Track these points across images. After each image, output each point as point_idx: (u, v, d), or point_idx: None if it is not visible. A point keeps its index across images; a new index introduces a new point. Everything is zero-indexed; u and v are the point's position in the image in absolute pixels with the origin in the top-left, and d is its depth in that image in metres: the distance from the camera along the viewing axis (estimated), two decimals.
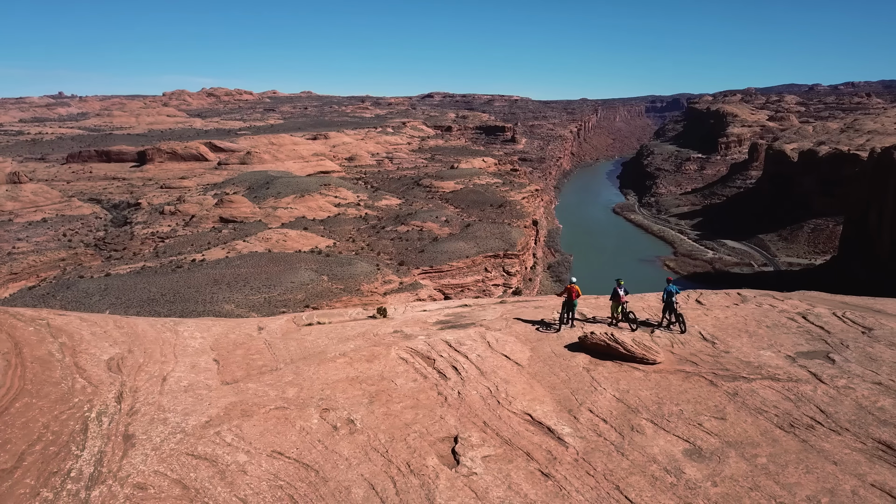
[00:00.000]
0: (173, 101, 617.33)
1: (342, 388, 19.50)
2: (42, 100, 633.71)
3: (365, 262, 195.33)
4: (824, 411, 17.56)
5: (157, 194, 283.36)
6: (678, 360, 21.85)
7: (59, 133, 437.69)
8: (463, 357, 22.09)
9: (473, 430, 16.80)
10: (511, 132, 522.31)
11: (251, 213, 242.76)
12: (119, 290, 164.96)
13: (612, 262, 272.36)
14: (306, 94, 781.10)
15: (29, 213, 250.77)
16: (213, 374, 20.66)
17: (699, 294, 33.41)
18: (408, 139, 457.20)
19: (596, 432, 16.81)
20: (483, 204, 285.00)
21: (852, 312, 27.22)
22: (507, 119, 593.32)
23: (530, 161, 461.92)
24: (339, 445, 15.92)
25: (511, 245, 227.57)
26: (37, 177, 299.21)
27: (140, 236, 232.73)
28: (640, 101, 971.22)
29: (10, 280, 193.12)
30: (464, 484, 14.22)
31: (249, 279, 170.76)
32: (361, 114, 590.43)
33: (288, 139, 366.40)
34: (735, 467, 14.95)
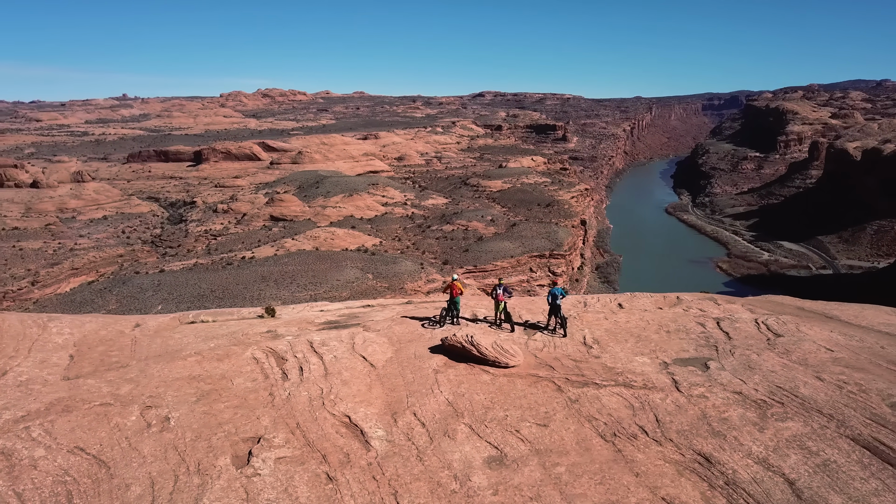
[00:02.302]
0: (230, 102, 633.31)
1: (177, 387, 19.48)
2: (107, 101, 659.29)
3: (409, 261, 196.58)
4: (659, 420, 17.01)
5: (212, 193, 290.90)
6: (537, 364, 21.39)
7: (121, 134, 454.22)
8: (317, 358, 21.80)
9: (282, 432, 16.64)
10: (562, 131, 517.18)
11: (301, 212, 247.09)
12: (171, 286, 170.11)
13: (662, 264, 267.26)
14: (359, 95, 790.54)
15: (91, 211, 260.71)
16: (60, 370, 20.88)
17: (630, 296, 32.54)
18: (457, 138, 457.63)
19: (407, 436, 16.54)
20: (530, 203, 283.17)
21: (777, 319, 26.05)
22: (558, 118, 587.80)
23: (581, 160, 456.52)
24: (144, 443, 15.92)
25: (558, 245, 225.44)
26: (99, 176, 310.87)
27: (194, 234, 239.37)
28: (697, 99, 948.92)
29: (71, 275, 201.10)
30: (240, 485, 14.06)
31: (297, 276, 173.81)
32: (412, 114, 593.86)
33: (339, 139, 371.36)
34: (528, 476, 14.59)
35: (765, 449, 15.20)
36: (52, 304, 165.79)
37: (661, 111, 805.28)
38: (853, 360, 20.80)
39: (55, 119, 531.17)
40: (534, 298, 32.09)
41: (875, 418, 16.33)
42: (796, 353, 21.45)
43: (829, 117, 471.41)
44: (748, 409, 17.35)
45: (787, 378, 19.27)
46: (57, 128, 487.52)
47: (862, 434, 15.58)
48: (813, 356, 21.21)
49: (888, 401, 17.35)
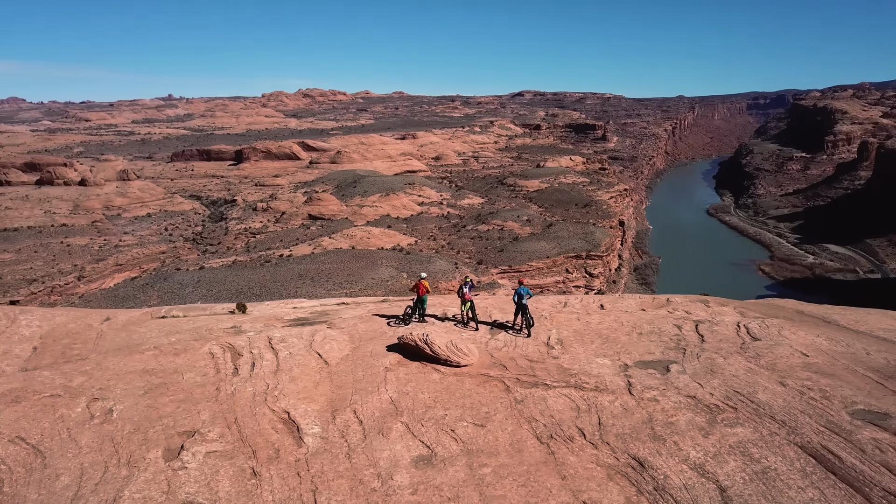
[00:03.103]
0: (271, 102, 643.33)
1: (128, 380, 19.62)
2: (153, 102, 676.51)
3: (444, 261, 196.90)
4: (602, 423, 16.74)
5: (252, 192, 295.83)
6: (491, 363, 21.17)
7: (166, 133, 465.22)
8: (272, 354, 21.86)
9: (219, 426, 16.64)
10: (602, 130, 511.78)
11: (338, 211, 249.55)
12: (210, 282, 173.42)
13: (702, 266, 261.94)
14: (398, 95, 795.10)
15: (135, 209, 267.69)
16: (21, 362, 21.34)
17: (616, 297, 31.90)
18: (495, 138, 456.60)
19: (342, 433, 16.50)
20: (568, 203, 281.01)
21: (763, 323, 25.18)
22: (598, 117, 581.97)
23: (621, 160, 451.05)
24: (84, 434, 16.06)
25: (595, 246, 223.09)
26: (144, 174, 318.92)
27: (234, 232, 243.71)
28: (742, 98, 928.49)
29: (115, 271, 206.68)
30: (165, 478, 14.12)
31: (332, 275, 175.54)
32: (450, 113, 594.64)
33: (377, 139, 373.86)
34: (451, 476, 14.43)
35: (704, 455, 14.92)
36: (97, 298, 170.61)
37: (704, 110, 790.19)
38: (826, 366, 20.23)
39: (103, 119, 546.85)
40: (509, 297, 31.32)
41: (830, 426, 15.91)
42: (767, 358, 20.92)
43: (879, 117, 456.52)
44: (698, 413, 17.01)
45: (747, 383, 18.85)
46: (105, 127, 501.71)
47: (812, 442, 15.21)
48: (783, 361, 20.66)
49: (850, 408, 16.87)
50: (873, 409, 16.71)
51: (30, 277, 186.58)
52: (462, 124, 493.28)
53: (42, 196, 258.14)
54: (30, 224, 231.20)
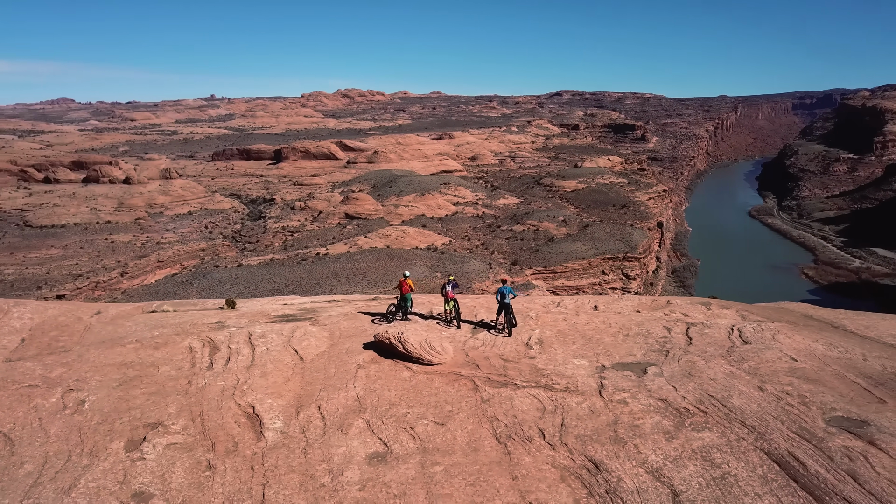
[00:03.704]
0: (310, 102, 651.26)
1: (105, 372, 19.90)
2: (196, 102, 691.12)
3: (478, 261, 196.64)
4: (564, 424, 16.55)
5: (290, 191, 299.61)
6: (464, 362, 21.11)
7: (207, 133, 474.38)
8: (249, 349, 22.04)
9: (184, 419, 16.86)
10: (641, 130, 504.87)
11: (374, 211, 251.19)
12: (248, 279, 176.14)
13: (743, 269, 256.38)
14: (435, 95, 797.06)
15: (177, 207, 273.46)
16: (6, 353, 21.86)
17: (612, 298, 31.31)
18: (532, 138, 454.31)
19: (302, 429, 16.59)
20: (605, 204, 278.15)
21: (759, 327, 24.41)
22: (637, 117, 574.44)
23: (660, 160, 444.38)
24: (54, 424, 16.42)
25: (632, 247, 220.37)
26: (186, 173, 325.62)
27: (272, 230, 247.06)
28: (787, 98, 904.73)
29: (157, 267, 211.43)
30: (122, 468, 14.39)
31: (367, 273, 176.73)
32: (488, 113, 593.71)
33: (414, 139, 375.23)
34: (402, 474, 14.45)
35: (663, 458, 14.70)
36: (139, 294, 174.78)
37: (747, 110, 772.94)
38: (813, 372, 19.71)
39: (148, 119, 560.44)
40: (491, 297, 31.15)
41: (801, 432, 15.57)
42: (751, 362, 20.46)
43: None
44: (666, 417, 16.74)
45: (723, 387, 18.51)
46: (149, 127, 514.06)
47: (779, 448, 14.89)
48: (768, 365, 20.18)
49: (828, 415, 16.46)
50: (852, 417, 16.32)
51: (75, 273, 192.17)
52: (499, 124, 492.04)
53: (88, 194, 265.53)
54: (76, 221, 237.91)
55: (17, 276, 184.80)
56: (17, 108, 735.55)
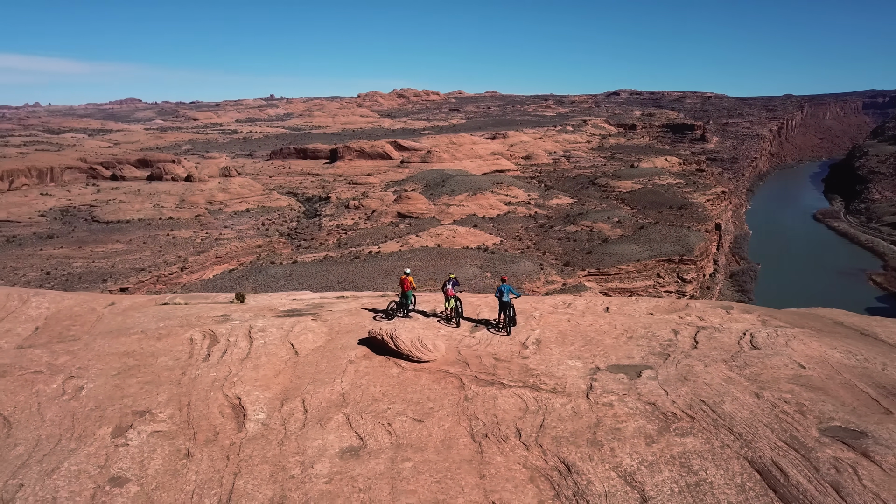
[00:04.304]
0: (366, 102, 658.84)
1: (107, 361, 20.43)
2: (255, 102, 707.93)
3: (529, 261, 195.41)
4: (544, 425, 16.40)
5: (345, 189, 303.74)
6: (455, 360, 21.06)
7: (266, 132, 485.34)
8: (247, 342, 22.36)
9: (172, 408, 17.23)
10: (701, 130, 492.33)
11: (426, 210, 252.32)
12: (302, 276, 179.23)
13: (806, 274, 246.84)
14: (490, 94, 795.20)
15: (235, 204, 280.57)
16: (19, 340, 22.63)
17: (627, 300, 30.40)
18: (587, 137, 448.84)
19: (283, 421, 16.83)
20: (661, 205, 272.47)
21: (774, 332, 23.32)
22: (697, 117, 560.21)
23: (720, 161, 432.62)
24: (51, 409, 16.96)
25: (688, 250, 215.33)
26: (245, 171, 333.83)
27: (326, 228, 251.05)
28: (857, 97, 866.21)
29: (215, 263, 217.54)
30: (105, 453, 14.82)
31: (417, 272, 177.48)
32: (543, 112, 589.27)
33: (467, 138, 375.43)
34: (370, 468, 14.55)
35: (639, 463, 14.44)
36: (197, 288, 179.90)
37: (813, 110, 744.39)
38: (820, 380, 18.91)
39: (210, 118, 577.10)
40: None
41: (790, 441, 15.02)
42: (754, 368, 19.76)
43: None
44: (651, 421, 16.39)
45: (717, 392, 17.97)
46: (211, 126, 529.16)
47: (763, 456, 14.44)
48: (771, 372, 19.45)
49: (824, 424, 15.84)
50: (850, 427, 15.68)
51: (138, 267, 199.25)
52: (554, 123, 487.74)
53: (152, 191, 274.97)
54: (140, 217, 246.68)
55: (85, 269, 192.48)
56: (89, 107, 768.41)
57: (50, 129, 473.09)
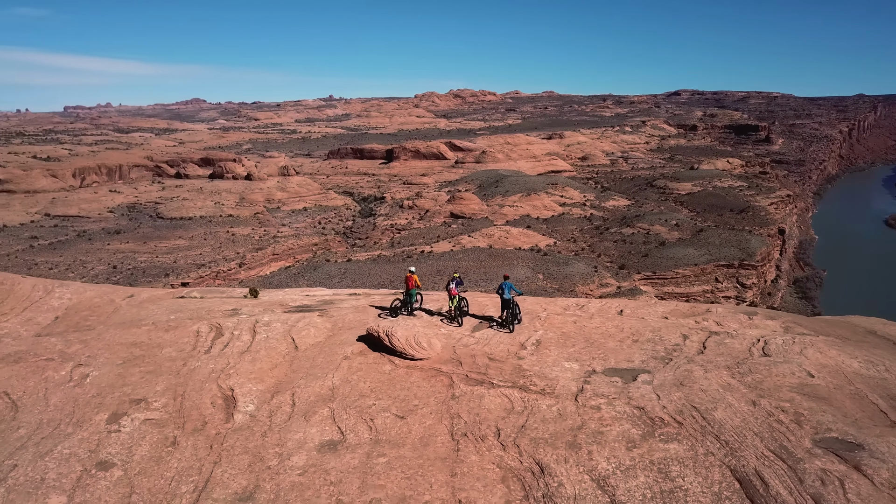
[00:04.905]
0: (423, 103, 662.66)
1: (115, 350, 20.92)
2: (315, 102, 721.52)
3: (583, 263, 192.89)
4: (525, 426, 16.27)
5: (400, 189, 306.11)
6: (449, 359, 21.03)
7: (324, 132, 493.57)
8: (250, 336, 22.73)
9: (167, 397, 17.67)
10: (765, 131, 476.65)
11: (479, 210, 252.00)
12: (355, 274, 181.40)
13: (876, 281, 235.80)
14: (547, 94, 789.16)
15: (293, 203, 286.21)
16: (38, 328, 23.42)
17: (642, 303, 29.66)
18: (646, 138, 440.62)
19: (270, 413, 17.09)
20: (722, 208, 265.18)
21: (789, 339, 22.47)
22: (762, 117, 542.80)
23: (786, 164, 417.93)
24: (56, 394, 17.63)
25: (749, 255, 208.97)
26: (303, 171, 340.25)
27: (381, 227, 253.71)
28: None
29: (272, 260, 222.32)
30: (97, 439, 15.30)
31: (468, 272, 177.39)
32: (601, 113, 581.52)
33: (523, 139, 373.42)
34: (345, 462, 14.72)
35: (615, 467, 14.28)
36: (254, 284, 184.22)
37: (888, 110, 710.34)
38: (826, 389, 18.20)
39: (270, 118, 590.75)
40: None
41: (779, 451, 14.59)
42: (757, 375, 19.09)
43: None
44: (637, 425, 16.12)
45: (711, 399, 17.50)
46: (271, 126, 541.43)
47: (747, 465, 14.09)
48: (774, 380, 18.76)
49: (819, 435, 15.30)
50: (847, 439, 15.10)
51: (199, 262, 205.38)
52: (612, 124, 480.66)
53: (213, 189, 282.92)
54: (202, 214, 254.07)
55: (149, 264, 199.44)
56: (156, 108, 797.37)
57: (120, 129, 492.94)
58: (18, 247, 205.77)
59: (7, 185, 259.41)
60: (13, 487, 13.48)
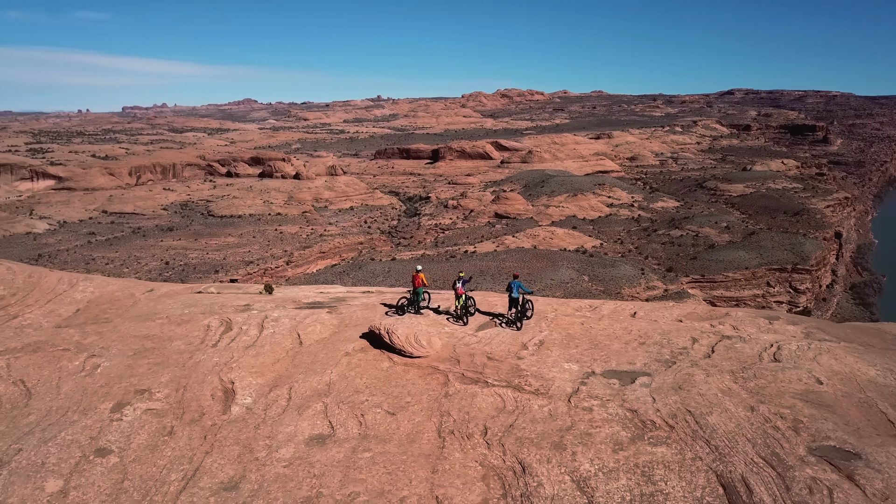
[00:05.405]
0: (470, 103, 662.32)
1: (127, 342, 21.55)
2: (363, 102, 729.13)
3: (629, 265, 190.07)
4: (513, 425, 16.25)
5: (445, 189, 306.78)
6: (448, 357, 21.05)
7: (371, 132, 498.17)
8: (257, 331, 23.08)
9: (170, 388, 18.11)
10: (823, 132, 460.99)
11: (524, 210, 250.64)
12: (399, 273, 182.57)
13: None
14: (596, 94, 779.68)
15: (340, 202, 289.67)
16: (59, 320, 24.21)
17: (658, 306, 28.81)
18: (697, 138, 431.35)
19: (266, 407, 17.33)
20: (775, 210, 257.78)
21: (805, 345, 21.69)
22: (819, 117, 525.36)
23: (845, 165, 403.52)
24: (68, 383, 18.34)
25: (803, 259, 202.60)
26: (350, 170, 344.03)
27: (425, 227, 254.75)
28: None
29: (319, 258, 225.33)
30: (99, 426, 15.86)
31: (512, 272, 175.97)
32: (651, 113, 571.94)
33: (570, 138, 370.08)
34: (330, 456, 14.94)
35: (597, 469, 14.20)
36: (300, 282, 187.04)
37: None
38: (833, 397, 17.61)
39: (319, 118, 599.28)
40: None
41: (770, 458, 14.27)
42: (761, 381, 18.58)
43: None
44: (627, 428, 15.95)
45: (707, 403, 17.13)
46: (320, 126, 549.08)
47: (734, 471, 13.84)
48: (779, 386, 18.22)
49: (816, 443, 14.89)
50: (845, 448, 14.66)
51: (247, 260, 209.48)
52: (662, 124, 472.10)
53: (263, 187, 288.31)
54: (251, 212, 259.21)
55: (199, 261, 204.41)
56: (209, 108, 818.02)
57: (174, 129, 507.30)
58: (77, 242, 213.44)
59: (68, 182, 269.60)
60: (15, 470, 14.08)
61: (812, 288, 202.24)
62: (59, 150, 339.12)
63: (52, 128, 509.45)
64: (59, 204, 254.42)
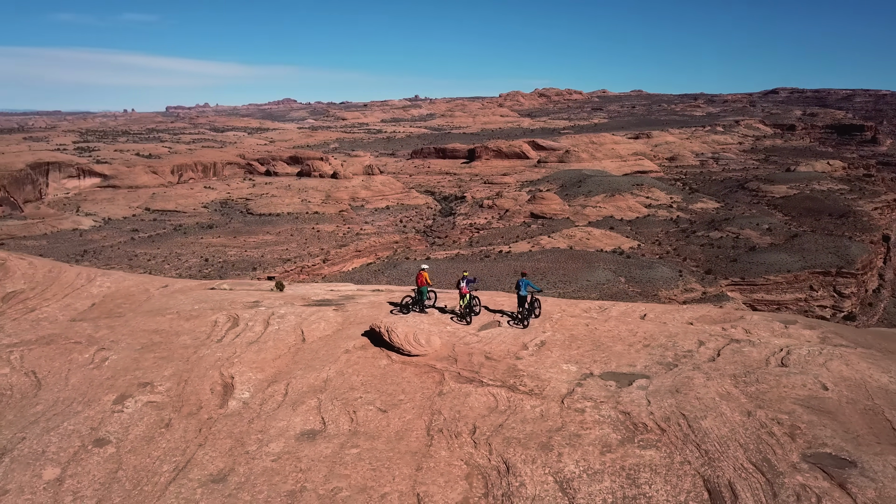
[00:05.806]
0: (507, 102, 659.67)
1: (137, 336, 21.78)
2: (400, 102, 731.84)
3: (667, 267, 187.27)
4: (502, 425, 16.33)
5: (480, 189, 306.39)
6: (446, 356, 21.11)
7: (408, 132, 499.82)
8: (262, 327, 23.40)
9: (171, 382, 18.42)
10: (872, 131, 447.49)
11: (560, 210, 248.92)
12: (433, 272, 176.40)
13: None
14: (636, 93, 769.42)
15: (376, 201, 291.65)
16: (74, 313, 24.64)
17: (671, 308, 28.50)
18: (739, 139, 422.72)
19: (262, 402, 17.59)
20: (819, 212, 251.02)
21: (815, 351, 21.32)
22: (868, 117, 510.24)
23: (894, 166, 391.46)
24: (76, 375, 18.75)
25: (848, 262, 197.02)
26: (387, 170, 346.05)
27: (460, 226, 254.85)
28: None
29: (354, 256, 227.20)
30: (100, 417, 16.10)
31: (547, 273, 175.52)
32: (691, 112, 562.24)
33: (608, 138, 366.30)
34: (318, 451, 15.11)
35: (582, 470, 14.20)
36: (336, 280, 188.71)
37: None
38: (837, 404, 17.30)
39: (357, 118, 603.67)
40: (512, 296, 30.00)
41: (760, 463, 14.10)
42: (763, 386, 18.34)
43: None
44: (618, 430, 15.90)
45: (703, 407, 16.96)
46: (357, 125, 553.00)
47: (721, 476, 13.70)
48: (780, 391, 17.95)
49: (811, 450, 14.66)
50: (841, 455, 14.43)
51: (285, 257, 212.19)
52: (703, 123, 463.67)
53: (301, 186, 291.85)
54: (289, 211, 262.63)
55: (238, 258, 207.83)
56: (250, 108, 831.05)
57: (215, 128, 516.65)
58: (121, 239, 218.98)
59: (112, 180, 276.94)
60: (16, 458, 14.60)
61: (857, 292, 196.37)
62: (104, 148, 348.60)
63: (99, 127, 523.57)
64: (104, 201, 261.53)
